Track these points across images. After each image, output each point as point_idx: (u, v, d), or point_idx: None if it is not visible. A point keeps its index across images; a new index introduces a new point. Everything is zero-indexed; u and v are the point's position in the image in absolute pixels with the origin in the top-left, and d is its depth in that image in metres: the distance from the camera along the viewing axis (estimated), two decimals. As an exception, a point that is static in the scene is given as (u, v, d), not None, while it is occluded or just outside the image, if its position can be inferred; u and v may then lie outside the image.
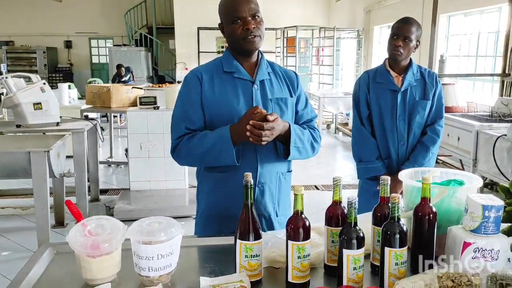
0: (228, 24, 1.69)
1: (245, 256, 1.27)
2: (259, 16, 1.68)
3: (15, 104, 4.08)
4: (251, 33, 1.65)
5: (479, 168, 4.31)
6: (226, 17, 1.69)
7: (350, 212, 1.21)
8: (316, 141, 1.81)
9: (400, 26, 2.43)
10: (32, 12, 15.14)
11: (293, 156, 1.73)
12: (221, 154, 1.64)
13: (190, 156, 1.70)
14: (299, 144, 1.72)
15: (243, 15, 1.65)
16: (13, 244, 3.87)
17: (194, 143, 1.67)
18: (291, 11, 12.45)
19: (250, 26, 1.64)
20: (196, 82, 1.72)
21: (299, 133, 1.73)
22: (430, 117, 2.53)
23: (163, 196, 4.63)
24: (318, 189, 5.54)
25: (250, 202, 1.28)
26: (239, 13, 1.65)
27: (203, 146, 1.66)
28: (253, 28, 1.65)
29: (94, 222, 1.31)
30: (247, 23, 1.65)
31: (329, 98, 8.59)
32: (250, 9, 1.66)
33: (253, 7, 1.67)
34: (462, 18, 7.36)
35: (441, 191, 1.39)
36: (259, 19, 1.68)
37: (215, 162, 1.69)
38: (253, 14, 1.66)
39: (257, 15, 1.67)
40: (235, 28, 1.66)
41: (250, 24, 1.65)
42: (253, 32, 1.66)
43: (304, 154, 1.77)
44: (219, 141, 1.63)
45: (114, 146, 7.20)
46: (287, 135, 1.68)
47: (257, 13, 1.67)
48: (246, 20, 1.65)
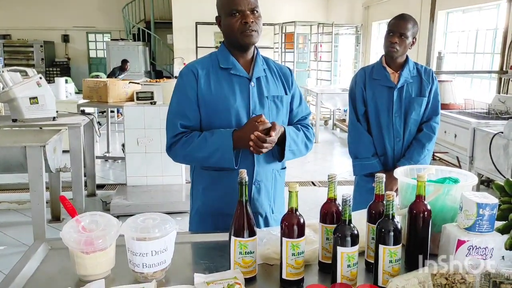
0: (226, 17, 1.67)
1: (240, 252, 1.27)
2: (258, 11, 1.67)
3: (11, 98, 4.06)
4: (249, 27, 1.64)
5: (476, 165, 4.31)
6: (224, 9, 1.67)
7: (344, 210, 1.21)
8: (310, 140, 1.83)
9: (396, 23, 2.43)
10: (29, 5, 15.05)
11: (287, 158, 1.76)
12: (222, 160, 1.65)
13: (189, 157, 1.71)
14: (293, 147, 1.74)
15: (242, 8, 1.63)
16: (9, 239, 3.86)
17: (194, 146, 1.66)
18: (289, 6, 12.41)
19: (248, 20, 1.63)
20: (191, 78, 1.71)
21: (294, 136, 1.74)
22: (426, 114, 2.53)
23: (159, 192, 4.63)
24: (315, 185, 5.55)
25: (245, 199, 1.28)
26: (238, 6, 1.63)
27: (203, 151, 1.65)
28: (251, 23, 1.64)
29: (88, 218, 1.31)
30: (245, 16, 1.63)
31: (327, 94, 8.59)
32: (250, 2, 1.64)
33: (253, 1, 1.65)
34: (460, 15, 7.35)
35: (436, 189, 1.39)
36: (258, 14, 1.67)
37: (214, 164, 1.69)
38: (252, 9, 1.65)
39: (256, 9, 1.66)
40: (233, 21, 1.65)
41: (249, 18, 1.63)
42: (251, 26, 1.64)
43: (297, 155, 1.79)
44: (221, 147, 1.63)
45: (111, 141, 7.20)
46: (282, 138, 1.70)
47: (256, 7, 1.66)
48: (244, 13, 1.63)
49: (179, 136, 1.70)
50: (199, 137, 1.67)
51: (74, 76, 13.76)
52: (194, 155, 1.67)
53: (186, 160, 1.76)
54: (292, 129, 1.77)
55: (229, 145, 1.62)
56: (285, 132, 1.70)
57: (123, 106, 4.76)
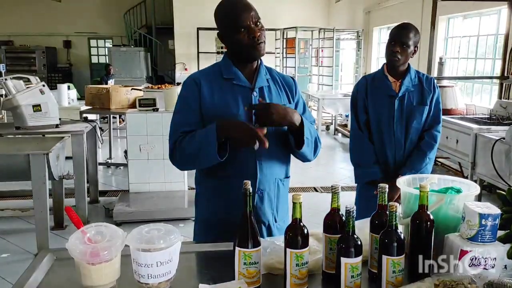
0: (233, 34, 1.67)
1: (244, 263, 1.27)
2: (261, 22, 1.69)
3: (15, 106, 4.09)
4: (258, 40, 1.66)
5: (478, 171, 4.32)
6: (229, 28, 1.68)
7: (348, 221, 1.22)
8: (319, 141, 1.81)
9: (398, 32, 2.45)
10: (31, 11, 15.13)
11: (304, 150, 1.70)
12: (207, 150, 1.60)
13: (183, 158, 1.70)
14: (309, 136, 1.71)
15: (247, 24, 1.65)
16: (12, 246, 3.88)
17: (184, 144, 1.67)
18: (290, 12, 12.47)
19: (256, 34, 1.65)
20: (194, 88, 1.72)
21: (309, 126, 1.73)
22: (428, 123, 2.54)
23: (162, 198, 4.64)
24: (317, 191, 5.55)
25: (249, 210, 1.29)
26: (243, 22, 1.64)
27: (192, 146, 1.65)
28: (259, 36, 1.66)
29: (93, 229, 1.32)
30: (252, 31, 1.65)
31: (328, 99, 8.61)
32: (253, 16, 1.66)
33: (254, 14, 1.67)
34: (461, 21, 7.37)
35: (439, 198, 1.40)
36: (261, 25, 1.69)
37: (203, 160, 1.66)
38: (256, 22, 1.67)
39: (259, 22, 1.68)
40: (240, 37, 1.66)
41: (256, 32, 1.65)
42: (259, 39, 1.66)
43: (310, 149, 1.74)
44: (205, 138, 1.61)
45: (114, 147, 7.22)
46: (299, 126, 1.67)
47: (259, 20, 1.68)
48: (250, 28, 1.65)
49: (178, 141, 1.70)
50: (190, 135, 1.67)
51: (76, 81, 13.82)
52: (186, 152, 1.66)
53: (182, 162, 1.73)
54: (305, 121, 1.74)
55: (213, 132, 1.59)
56: (302, 120, 1.67)
57: (126, 113, 4.78)
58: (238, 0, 1.69)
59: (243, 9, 1.66)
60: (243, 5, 1.67)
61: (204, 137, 1.62)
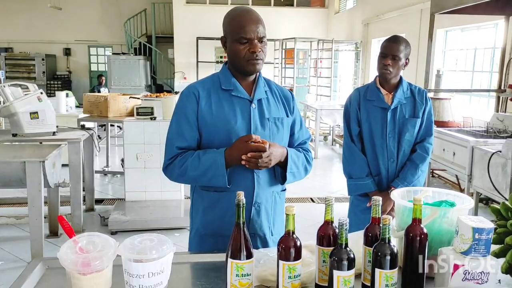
0: (233, 42, 1.66)
1: (236, 275, 1.27)
2: (265, 39, 1.67)
3: (12, 113, 4.09)
4: (256, 56, 1.64)
5: (474, 183, 4.31)
6: (233, 34, 1.66)
7: (341, 233, 1.22)
8: (309, 164, 1.85)
9: (388, 45, 2.47)
10: (31, 19, 15.19)
11: (289, 181, 1.78)
12: (214, 178, 1.65)
13: (183, 176, 1.71)
14: (294, 169, 1.76)
15: (251, 37, 1.63)
16: (6, 254, 3.85)
17: (187, 165, 1.67)
18: (290, 22, 12.55)
19: (256, 49, 1.64)
20: (192, 99, 1.72)
21: (295, 159, 1.76)
22: (420, 135, 2.55)
23: (158, 207, 4.62)
24: (314, 201, 5.54)
25: (242, 221, 1.28)
26: (247, 34, 1.63)
27: (196, 170, 1.66)
28: (259, 52, 1.65)
29: (85, 239, 1.31)
30: (254, 46, 1.63)
31: (326, 110, 8.63)
32: (259, 31, 1.64)
33: (262, 30, 1.65)
34: (459, 33, 7.41)
35: (433, 212, 1.40)
36: (264, 42, 1.67)
37: (207, 183, 1.70)
38: (261, 38, 1.65)
39: (264, 38, 1.67)
40: (240, 48, 1.65)
41: (257, 47, 1.64)
42: (258, 56, 1.65)
43: (297, 178, 1.81)
44: (213, 166, 1.64)
45: (111, 155, 7.21)
46: (284, 160, 1.71)
47: (264, 36, 1.66)
48: (253, 42, 1.64)
49: (174, 157, 1.71)
50: (193, 156, 1.68)
51: (75, 89, 13.86)
52: (188, 174, 1.68)
53: (181, 179, 1.76)
54: (294, 151, 1.79)
55: (222, 163, 1.63)
56: (287, 155, 1.71)
57: (123, 121, 4.78)
58: (251, 12, 1.68)
59: (252, 21, 1.64)
60: (253, 18, 1.66)
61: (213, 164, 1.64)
